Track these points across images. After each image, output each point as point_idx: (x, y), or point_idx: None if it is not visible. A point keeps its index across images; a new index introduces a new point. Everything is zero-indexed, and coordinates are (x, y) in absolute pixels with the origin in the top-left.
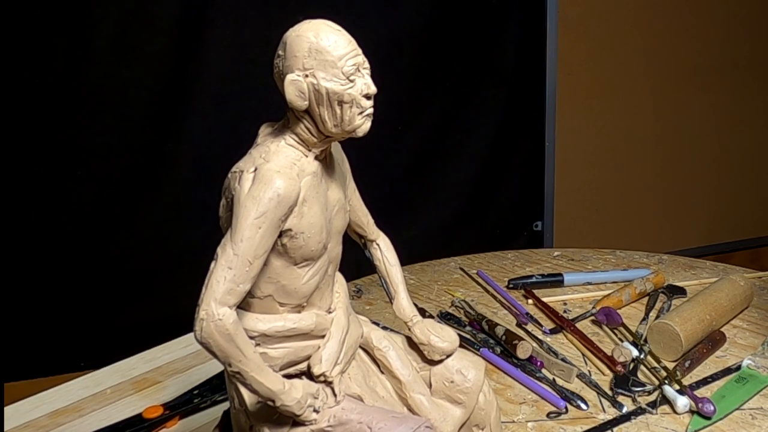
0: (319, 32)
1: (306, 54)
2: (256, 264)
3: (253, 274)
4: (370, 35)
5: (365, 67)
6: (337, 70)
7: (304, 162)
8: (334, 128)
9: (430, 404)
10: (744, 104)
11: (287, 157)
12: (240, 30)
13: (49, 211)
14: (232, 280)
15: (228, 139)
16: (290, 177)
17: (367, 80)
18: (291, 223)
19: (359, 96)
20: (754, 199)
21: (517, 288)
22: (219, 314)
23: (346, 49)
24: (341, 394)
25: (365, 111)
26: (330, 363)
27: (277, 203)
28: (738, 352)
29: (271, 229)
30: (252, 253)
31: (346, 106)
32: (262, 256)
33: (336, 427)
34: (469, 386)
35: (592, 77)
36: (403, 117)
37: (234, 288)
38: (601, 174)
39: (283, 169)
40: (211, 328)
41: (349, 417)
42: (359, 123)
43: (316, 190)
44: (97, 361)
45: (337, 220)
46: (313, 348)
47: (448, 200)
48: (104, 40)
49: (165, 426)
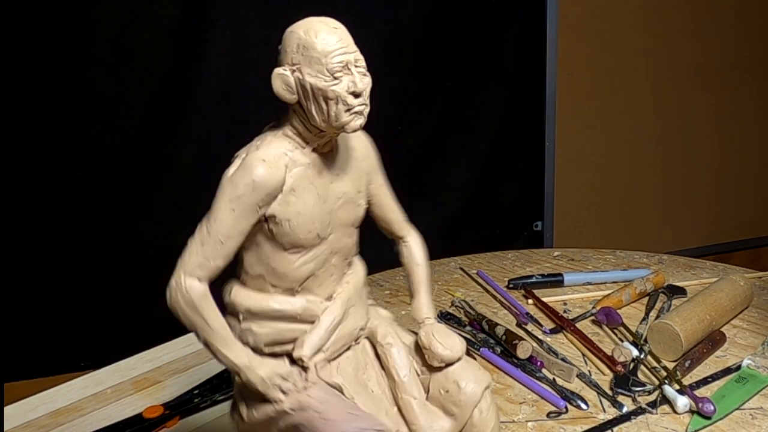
0: (310, 29)
1: (294, 49)
2: (228, 244)
3: (225, 252)
4: (370, 35)
5: (358, 66)
6: (322, 66)
7: (297, 153)
8: (322, 123)
9: (420, 409)
10: (744, 104)
11: (279, 147)
12: (240, 30)
13: (49, 211)
14: (203, 255)
15: (228, 139)
16: (273, 166)
17: (355, 78)
18: (275, 210)
19: (345, 93)
20: (754, 199)
21: (517, 288)
22: (186, 285)
23: (334, 46)
24: (312, 380)
25: (353, 108)
26: (311, 349)
27: (252, 189)
28: (738, 352)
29: (245, 212)
30: (224, 232)
31: (331, 102)
32: (236, 237)
33: (297, 412)
34: (462, 399)
35: (592, 77)
36: (403, 117)
37: (204, 263)
38: (601, 174)
39: (268, 158)
40: (177, 296)
41: (310, 404)
42: (346, 120)
43: (310, 181)
44: (97, 361)
45: (342, 213)
46: (300, 332)
47: (448, 200)
48: (104, 40)
49: (165, 426)
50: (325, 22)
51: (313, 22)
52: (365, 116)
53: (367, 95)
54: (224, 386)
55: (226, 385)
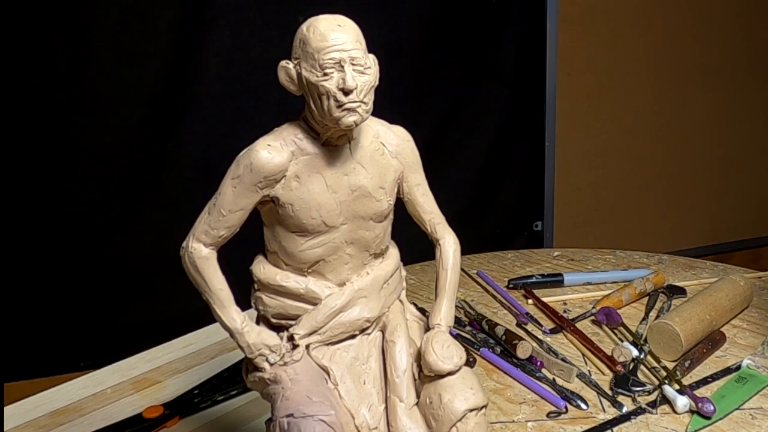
0: (312, 24)
1: (297, 44)
2: (230, 217)
3: (227, 224)
4: (370, 35)
5: (355, 64)
6: (315, 62)
7: (307, 142)
8: (321, 117)
9: (402, 412)
10: (744, 104)
11: (290, 134)
12: (240, 30)
13: (49, 211)
14: (208, 223)
15: (228, 139)
16: (275, 151)
17: (346, 75)
18: (278, 193)
19: (334, 89)
20: (754, 199)
21: (517, 288)
22: (192, 247)
23: (329, 42)
24: (296, 358)
25: (343, 105)
26: (305, 328)
27: (250, 170)
28: (738, 352)
29: (244, 191)
30: (226, 207)
31: (323, 97)
32: (238, 212)
33: (271, 384)
34: (440, 413)
35: (592, 77)
36: (403, 117)
37: (209, 230)
38: (601, 174)
39: (274, 143)
40: (185, 257)
41: (282, 378)
42: (338, 115)
43: (318, 170)
44: (97, 361)
45: (357, 206)
46: (303, 310)
47: (447, 200)
48: (104, 40)
49: (165, 426)
50: (330, 19)
51: (318, 19)
52: (361, 114)
53: (362, 93)
54: (224, 386)
55: (226, 385)
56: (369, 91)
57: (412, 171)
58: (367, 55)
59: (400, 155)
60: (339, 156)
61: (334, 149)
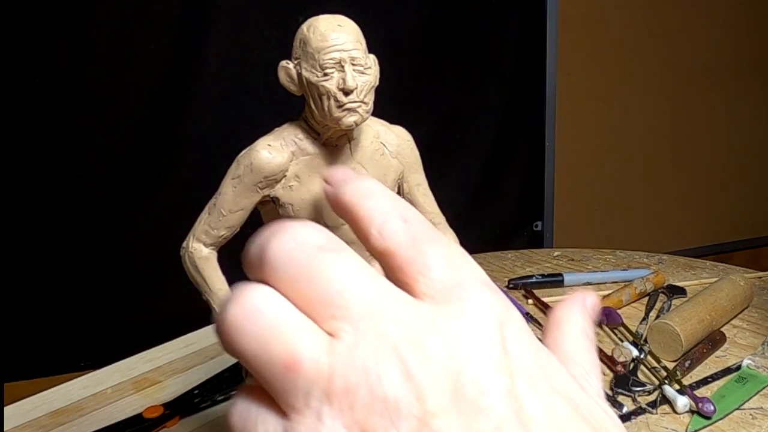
0: (312, 24)
1: (297, 44)
2: (230, 217)
3: (228, 224)
4: (370, 35)
5: (355, 64)
6: (315, 62)
7: (307, 142)
8: (321, 117)
9: None
10: (744, 104)
11: (291, 134)
12: (240, 30)
13: (49, 211)
14: (208, 223)
15: (228, 140)
16: (275, 151)
17: (346, 75)
18: (279, 193)
19: (334, 89)
20: (754, 199)
21: (517, 288)
22: (192, 247)
23: (329, 42)
24: None
25: (344, 105)
26: None
27: (250, 171)
28: (738, 352)
29: (244, 191)
30: (226, 207)
31: (323, 97)
32: (238, 213)
33: None
34: None
35: (592, 77)
36: (402, 117)
37: (209, 230)
38: (601, 174)
39: (274, 143)
40: (185, 256)
41: None
42: (338, 116)
43: (318, 170)
44: (97, 361)
45: None
46: None
47: (448, 200)
48: (104, 40)
49: (165, 426)
50: (330, 19)
51: (319, 19)
52: (361, 114)
53: (362, 93)
54: (224, 386)
55: (226, 385)
56: (369, 91)
57: (413, 171)
58: (367, 55)
59: (400, 155)
60: (339, 156)
61: (334, 149)
